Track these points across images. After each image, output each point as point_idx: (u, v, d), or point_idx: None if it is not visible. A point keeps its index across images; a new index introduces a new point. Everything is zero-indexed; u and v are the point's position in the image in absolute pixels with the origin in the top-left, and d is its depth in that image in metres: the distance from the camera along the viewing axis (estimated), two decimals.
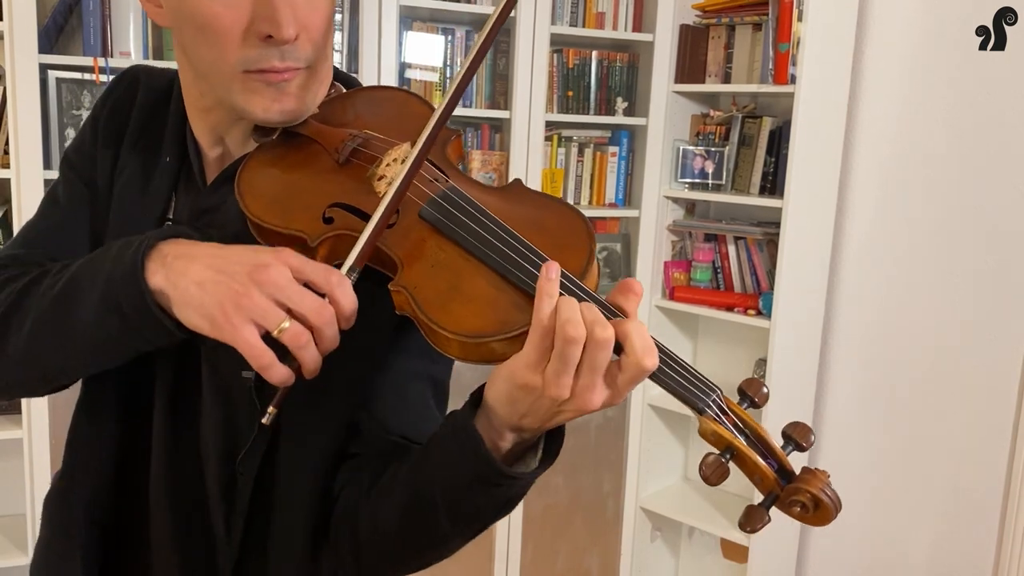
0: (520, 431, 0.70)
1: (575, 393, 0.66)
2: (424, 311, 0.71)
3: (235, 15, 0.76)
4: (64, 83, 2.25)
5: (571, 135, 2.84)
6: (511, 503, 0.74)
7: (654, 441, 3.00)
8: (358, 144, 0.82)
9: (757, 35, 2.64)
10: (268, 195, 0.81)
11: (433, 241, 0.75)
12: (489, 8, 2.61)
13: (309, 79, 0.82)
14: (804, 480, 0.69)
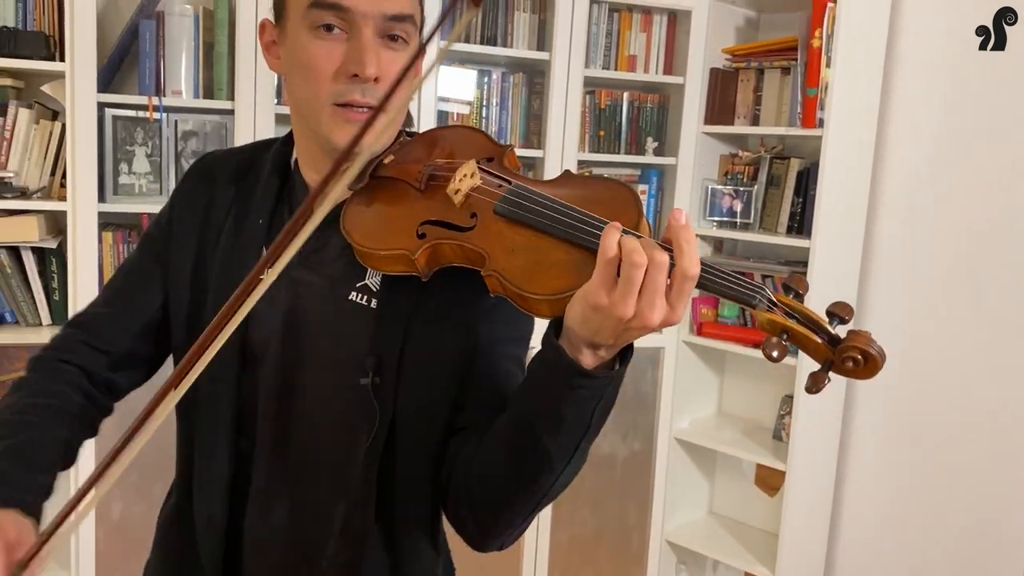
0: (595, 348, 0.81)
1: (638, 312, 0.76)
2: (516, 285, 0.84)
3: (332, 58, 0.94)
4: (119, 120, 2.36)
5: (602, 172, 2.92)
6: (599, 412, 0.83)
7: (680, 475, 3.03)
8: (432, 171, 0.98)
9: (785, 79, 2.71)
10: (370, 228, 0.97)
11: (509, 230, 0.89)
12: (524, 51, 2.70)
13: (381, 121, 0.92)
14: (852, 339, 0.79)
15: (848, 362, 0.79)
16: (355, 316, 0.99)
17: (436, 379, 0.98)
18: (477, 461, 0.92)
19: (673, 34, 2.86)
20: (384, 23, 0.94)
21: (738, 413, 3.12)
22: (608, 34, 2.80)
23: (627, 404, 2.91)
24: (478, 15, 2.65)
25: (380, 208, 0.99)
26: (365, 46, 0.93)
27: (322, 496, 1.00)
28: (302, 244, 0.84)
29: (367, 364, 0.96)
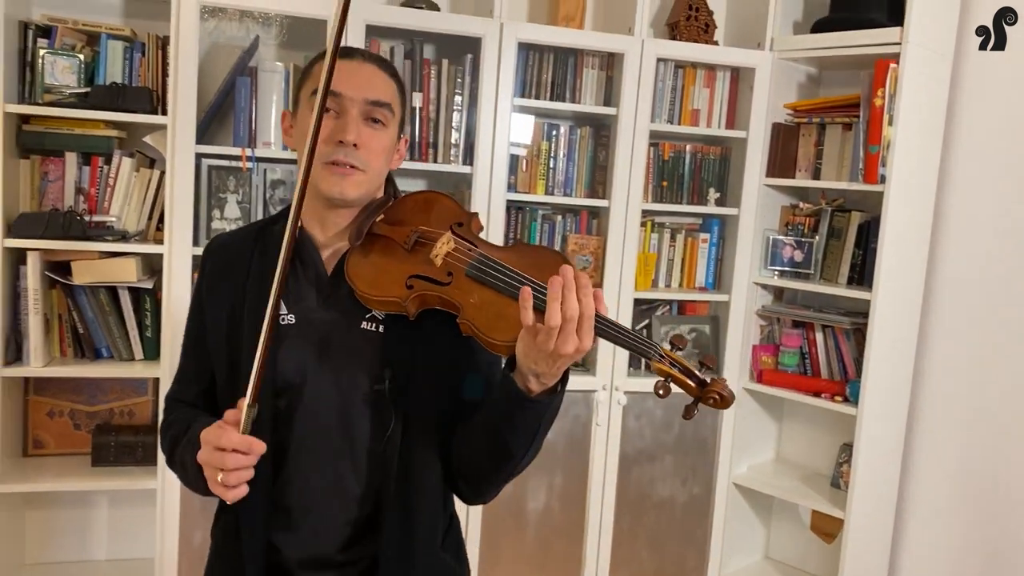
0: (537, 376, 1.14)
1: (556, 347, 1.08)
2: (482, 332, 1.18)
3: (326, 129, 1.24)
4: (214, 169, 2.52)
5: (664, 221, 3.01)
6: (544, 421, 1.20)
7: (737, 520, 3.07)
8: (417, 237, 1.28)
9: (847, 134, 2.78)
10: (368, 277, 1.26)
11: (477, 288, 1.21)
12: (592, 106, 2.81)
13: (361, 178, 1.28)
14: (713, 385, 1.17)
15: (710, 400, 1.16)
16: (367, 340, 1.28)
17: (433, 383, 1.28)
18: (462, 449, 1.29)
19: (736, 90, 2.95)
20: (365, 106, 1.27)
21: (796, 460, 3.15)
22: (673, 89, 2.90)
23: (687, 449, 2.97)
24: (550, 73, 2.78)
25: (375, 261, 1.28)
26: (349, 121, 1.25)
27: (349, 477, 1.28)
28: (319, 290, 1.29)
29: (384, 374, 1.25)
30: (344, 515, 1.30)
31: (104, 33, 2.50)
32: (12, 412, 2.54)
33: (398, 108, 1.32)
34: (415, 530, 1.29)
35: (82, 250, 2.44)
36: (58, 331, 2.53)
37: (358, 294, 1.25)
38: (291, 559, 1.30)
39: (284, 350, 1.27)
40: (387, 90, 1.30)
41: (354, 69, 1.28)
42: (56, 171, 2.49)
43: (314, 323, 1.29)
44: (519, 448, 1.22)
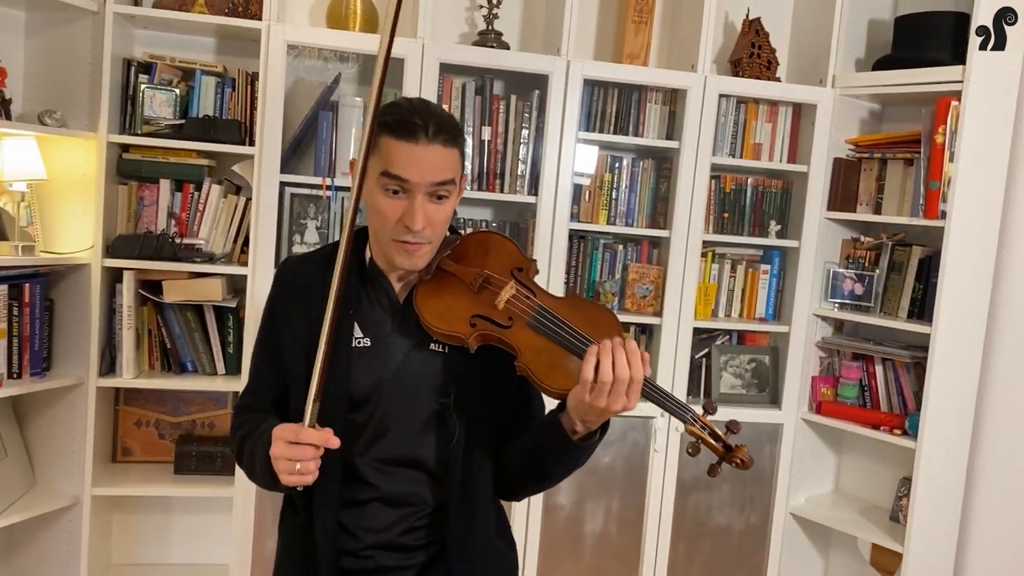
0: (586, 423, 1.31)
1: (606, 404, 1.25)
2: (537, 377, 1.33)
3: (394, 211, 1.35)
4: (296, 197, 2.69)
5: (725, 252, 3.07)
6: (583, 459, 1.39)
7: (795, 551, 3.08)
8: (483, 280, 1.43)
9: (908, 169, 2.81)
10: (435, 311, 1.39)
11: (535, 337, 1.36)
12: (655, 140, 2.90)
13: (428, 249, 1.40)
14: (736, 451, 1.34)
15: (733, 462, 1.34)
16: (435, 361, 1.43)
17: (488, 398, 1.44)
18: (509, 462, 1.45)
19: (798, 125, 3.01)
20: (430, 188, 1.35)
21: (855, 492, 3.15)
22: (735, 124, 2.97)
23: (744, 478, 3.00)
24: (614, 107, 2.88)
25: (443, 297, 1.41)
26: (416, 208, 1.34)
27: (419, 481, 1.44)
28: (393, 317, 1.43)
29: (450, 390, 1.41)
30: (412, 513, 1.44)
31: (198, 69, 2.69)
32: (104, 420, 2.72)
33: (459, 171, 1.40)
34: (475, 524, 1.45)
35: (172, 270, 2.62)
36: (148, 345, 2.71)
37: (424, 324, 1.39)
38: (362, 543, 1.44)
39: (360, 370, 1.41)
40: (450, 165, 1.37)
41: (420, 155, 1.33)
42: (151, 196, 2.68)
43: (388, 346, 1.42)
44: (558, 475, 1.44)
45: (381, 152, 1.35)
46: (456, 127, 1.40)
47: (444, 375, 1.42)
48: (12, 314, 2.43)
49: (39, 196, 2.60)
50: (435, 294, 1.41)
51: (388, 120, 1.35)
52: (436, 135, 1.34)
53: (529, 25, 3.01)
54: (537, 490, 1.53)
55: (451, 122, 1.38)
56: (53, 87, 2.57)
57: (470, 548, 1.45)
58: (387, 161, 1.34)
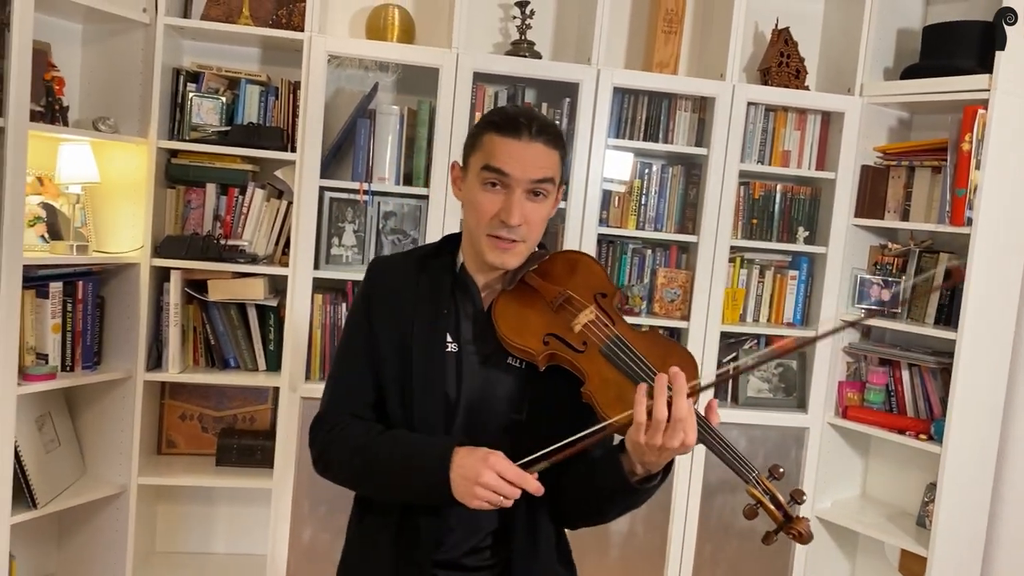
0: (644, 464, 1.29)
1: (663, 443, 1.22)
2: (600, 406, 1.31)
3: (492, 205, 1.38)
4: (335, 201, 2.79)
5: (753, 258, 3.12)
6: (640, 501, 1.36)
7: (821, 555, 3.10)
8: (564, 300, 1.42)
9: (936, 177, 2.84)
10: (511, 322, 1.40)
11: (606, 366, 1.34)
12: (684, 147, 2.96)
13: (522, 248, 1.41)
14: (797, 522, 1.27)
15: (791, 533, 1.27)
16: (512, 374, 1.43)
17: (560, 422, 1.38)
18: (565, 495, 1.42)
19: (826, 132, 3.05)
20: (530, 184, 1.37)
21: (882, 497, 3.17)
22: (764, 131, 3.02)
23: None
24: (644, 115, 2.95)
25: (521, 310, 1.41)
26: (514, 203, 1.36)
27: None
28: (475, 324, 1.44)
29: (523, 406, 1.41)
30: (477, 532, 1.44)
31: (243, 78, 2.81)
32: (150, 413, 2.85)
33: (559, 174, 1.41)
34: (538, 549, 1.44)
35: (217, 270, 2.74)
36: (192, 342, 2.83)
37: (498, 334, 1.39)
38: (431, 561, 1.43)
39: (447, 374, 1.42)
40: (551, 165, 1.38)
41: (521, 150, 1.35)
42: (197, 200, 2.80)
43: (471, 354, 1.43)
44: (612, 515, 1.42)
45: (484, 147, 1.38)
46: (559, 133, 1.41)
47: (518, 391, 1.41)
48: (66, 310, 2.57)
49: (92, 198, 2.74)
50: (514, 306, 1.41)
51: (494, 119, 1.39)
52: (539, 134, 1.37)
53: (561, 35, 3.10)
54: (589, 524, 1.47)
55: (555, 128, 1.41)
56: (107, 95, 2.70)
57: (530, 568, 1.43)
58: (489, 155, 1.36)
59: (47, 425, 2.61)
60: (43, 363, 2.51)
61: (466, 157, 1.45)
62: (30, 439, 2.50)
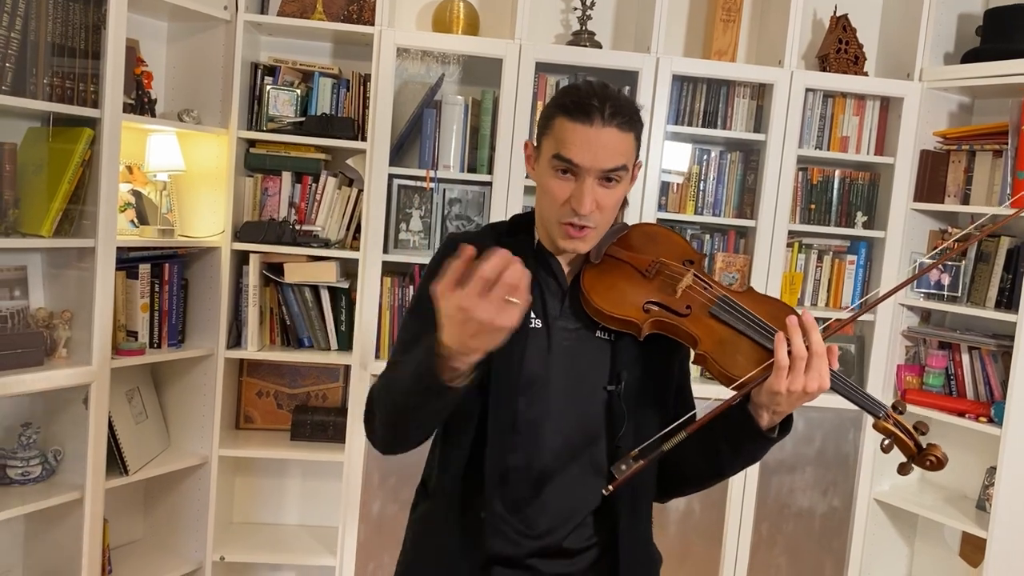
0: (777, 414, 1.29)
1: (805, 385, 1.23)
2: (720, 364, 1.31)
3: (563, 191, 1.35)
4: (402, 188, 2.91)
5: (811, 243, 3.15)
6: (761, 453, 1.36)
7: (879, 536, 3.13)
8: (659, 268, 1.42)
9: (997, 161, 2.84)
10: (605, 294, 1.38)
11: (717, 326, 1.35)
12: (742, 133, 3.01)
13: (593, 234, 1.38)
14: (931, 449, 1.32)
15: (927, 461, 1.32)
16: (601, 347, 1.41)
17: (656, 392, 1.42)
18: (686, 461, 1.39)
19: (885, 118, 3.07)
20: (601, 173, 1.33)
21: (942, 481, 3.18)
22: (822, 117, 3.06)
23: (827, 463, 3.07)
24: (702, 102, 3.01)
25: (613, 282, 1.40)
26: (585, 192, 1.32)
27: (585, 472, 1.40)
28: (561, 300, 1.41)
29: (621, 376, 1.39)
30: (577, 508, 1.40)
31: (317, 71, 2.95)
32: (230, 390, 3.01)
33: (634, 156, 1.37)
34: (640, 523, 1.44)
35: (292, 254, 2.88)
36: (269, 322, 2.98)
37: (593, 307, 1.37)
38: (524, 550, 1.40)
39: (532, 352, 1.38)
40: (624, 151, 1.33)
41: (592, 137, 1.30)
42: (274, 187, 2.95)
43: (558, 329, 1.40)
44: (732, 471, 1.40)
45: (555, 132, 1.34)
46: (634, 111, 1.35)
47: (612, 362, 1.39)
48: (154, 291, 2.74)
49: (177, 186, 2.91)
50: (605, 279, 1.40)
51: (565, 102, 1.33)
52: (612, 118, 1.30)
53: (621, 25, 3.17)
54: (695, 491, 1.49)
55: (629, 106, 1.34)
56: (191, 88, 2.87)
57: (638, 548, 1.42)
58: (560, 143, 1.32)
59: (136, 398, 2.79)
60: (133, 340, 2.69)
61: (539, 138, 1.42)
62: (121, 411, 2.68)
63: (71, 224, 2.40)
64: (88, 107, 2.38)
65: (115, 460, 2.62)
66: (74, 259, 2.46)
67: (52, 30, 2.29)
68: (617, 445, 1.37)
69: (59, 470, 2.51)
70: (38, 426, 2.49)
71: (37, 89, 2.28)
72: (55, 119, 2.38)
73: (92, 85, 2.38)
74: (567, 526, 1.41)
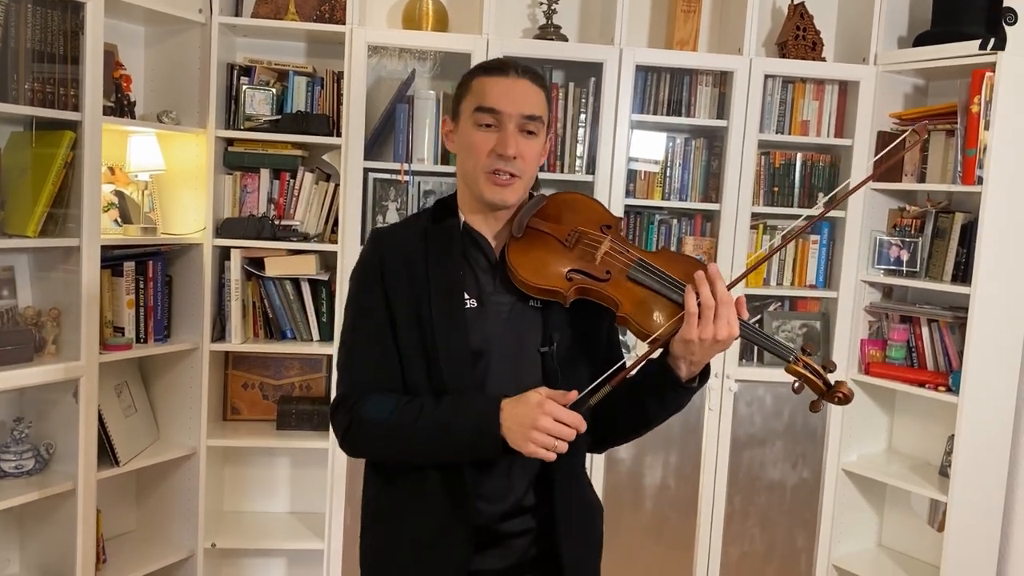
0: (692, 364, 1.41)
1: (715, 333, 1.34)
2: (640, 325, 1.41)
3: (487, 143, 1.45)
4: (378, 181, 3.01)
5: (776, 224, 3.26)
6: (685, 401, 1.49)
7: (848, 505, 3.25)
8: (578, 237, 1.50)
9: (950, 140, 2.95)
10: (530, 267, 1.46)
11: (635, 288, 1.44)
12: (706, 120, 3.11)
13: (519, 184, 1.47)
14: (838, 387, 1.43)
15: (835, 397, 1.43)
16: (534, 314, 1.51)
17: (585, 351, 1.52)
18: (615, 413, 1.50)
19: (844, 101, 3.17)
20: (521, 120, 1.45)
21: (907, 451, 3.30)
22: (782, 102, 3.16)
23: (796, 436, 3.19)
24: (666, 91, 3.11)
25: (536, 254, 1.48)
26: (508, 136, 1.44)
27: None
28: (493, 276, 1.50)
29: (553, 337, 1.50)
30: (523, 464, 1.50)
31: (291, 70, 3.03)
32: (216, 382, 3.10)
33: (546, 116, 1.49)
34: (576, 470, 1.56)
35: (272, 248, 2.97)
36: (252, 315, 3.07)
37: (519, 280, 1.45)
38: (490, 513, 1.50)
39: (472, 330, 1.47)
40: (539, 102, 1.47)
41: (510, 86, 1.44)
42: (252, 184, 3.04)
43: (493, 304, 1.49)
44: (658, 419, 1.53)
45: (474, 90, 1.46)
46: (543, 77, 1.51)
47: (544, 328, 1.49)
48: (139, 287, 2.82)
49: (159, 185, 2.99)
50: (528, 251, 1.47)
51: (481, 65, 1.50)
52: (525, 72, 1.47)
53: (586, 18, 3.27)
54: (626, 440, 1.61)
55: (538, 71, 1.51)
56: (169, 90, 2.95)
57: (574, 499, 1.53)
58: (480, 96, 1.44)
59: (124, 392, 2.88)
60: (120, 335, 2.77)
61: (456, 107, 1.52)
62: (111, 404, 2.76)
63: (56, 225, 2.48)
64: (69, 111, 2.46)
65: (106, 452, 2.70)
66: (60, 258, 2.55)
67: (32, 37, 2.37)
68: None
69: (51, 463, 2.60)
70: (29, 420, 2.58)
71: (19, 94, 2.36)
72: (37, 123, 2.46)
73: (72, 89, 2.46)
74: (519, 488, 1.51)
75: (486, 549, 1.51)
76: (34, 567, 2.66)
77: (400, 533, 1.53)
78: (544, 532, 1.53)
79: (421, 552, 1.50)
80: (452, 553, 1.48)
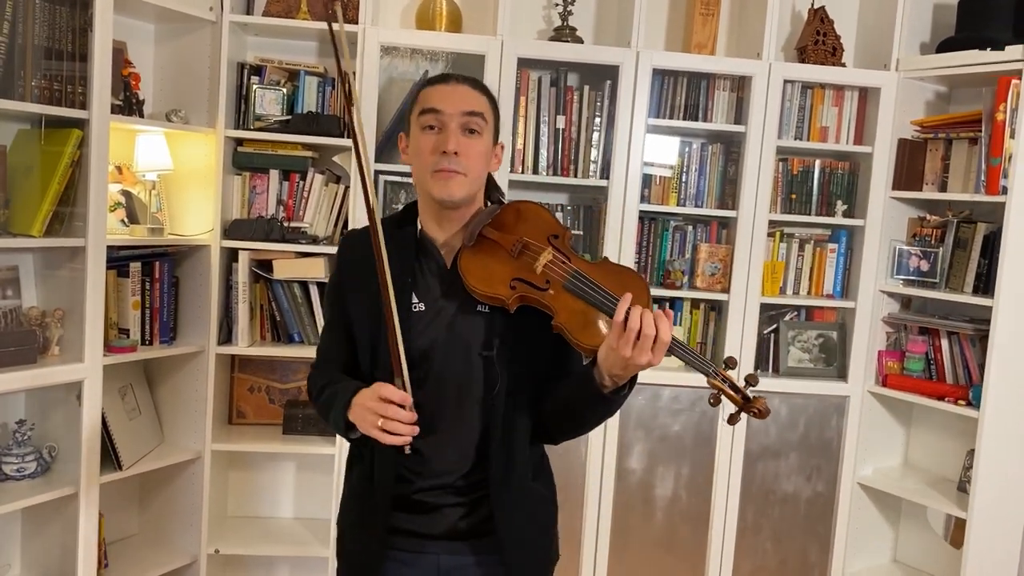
0: (613, 376, 1.45)
1: (632, 355, 1.37)
2: (572, 335, 1.47)
3: (431, 143, 1.53)
4: (389, 184, 2.96)
5: (793, 232, 3.20)
6: (614, 409, 1.56)
7: (863, 520, 3.18)
8: (522, 246, 1.56)
9: (973, 149, 2.89)
10: (478, 274, 1.54)
11: (571, 299, 1.49)
12: (723, 125, 3.06)
13: (463, 180, 1.54)
14: (755, 402, 1.44)
15: (752, 411, 1.44)
16: (481, 320, 1.58)
17: (529, 356, 1.58)
18: (547, 412, 1.60)
19: (864, 108, 3.11)
20: (462, 118, 1.53)
21: (924, 465, 3.23)
22: (801, 108, 3.10)
23: (811, 449, 3.13)
24: (683, 95, 3.05)
25: (485, 261, 1.55)
26: (449, 133, 1.52)
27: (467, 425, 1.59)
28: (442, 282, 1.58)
29: (494, 343, 1.57)
30: (462, 453, 1.60)
31: (302, 70, 2.99)
32: (222, 386, 3.06)
33: (490, 117, 1.57)
34: (514, 464, 1.61)
35: (281, 250, 2.93)
36: (260, 318, 3.03)
37: (467, 286, 1.54)
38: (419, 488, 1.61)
39: (417, 332, 1.56)
40: (480, 102, 1.56)
41: (449, 90, 1.55)
42: (262, 185, 2.99)
43: (440, 309, 1.58)
44: (591, 423, 1.62)
45: (419, 100, 1.56)
46: (486, 87, 1.60)
47: (488, 332, 1.57)
48: (145, 288, 2.78)
49: (166, 185, 2.95)
50: (478, 259, 1.55)
51: (425, 79, 1.61)
52: (465, 81, 1.57)
53: (602, 20, 3.22)
54: (573, 436, 1.68)
55: (481, 81, 1.60)
56: (178, 89, 2.91)
57: (508, 485, 1.60)
58: (423, 102, 1.54)
59: (128, 395, 2.84)
60: (125, 337, 2.73)
61: (407, 122, 1.61)
62: (114, 407, 2.72)
63: (62, 224, 2.45)
64: (77, 109, 2.42)
65: (109, 455, 2.66)
66: (65, 258, 2.51)
67: (40, 33, 2.33)
68: (492, 403, 1.58)
69: (54, 466, 2.56)
70: (32, 423, 2.54)
71: (26, 92, 2.32)
72: (45, 121, 2.42)
73: (80, 87, 2.43)
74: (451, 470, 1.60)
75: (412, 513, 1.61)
76: (35, 571, 2.62)
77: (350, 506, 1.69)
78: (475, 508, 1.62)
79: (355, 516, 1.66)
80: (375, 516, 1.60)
